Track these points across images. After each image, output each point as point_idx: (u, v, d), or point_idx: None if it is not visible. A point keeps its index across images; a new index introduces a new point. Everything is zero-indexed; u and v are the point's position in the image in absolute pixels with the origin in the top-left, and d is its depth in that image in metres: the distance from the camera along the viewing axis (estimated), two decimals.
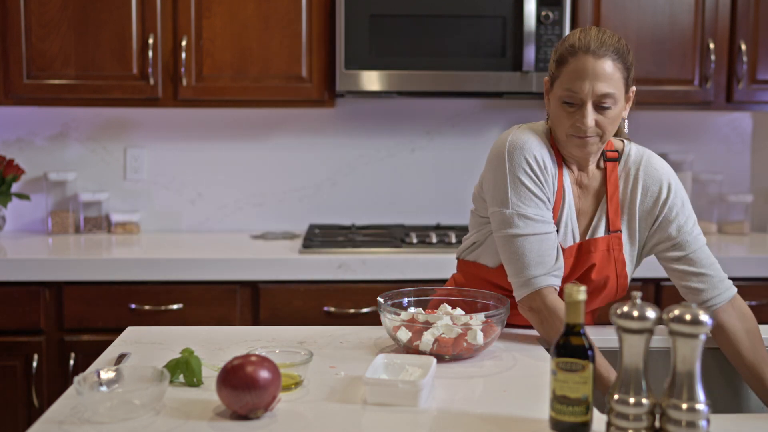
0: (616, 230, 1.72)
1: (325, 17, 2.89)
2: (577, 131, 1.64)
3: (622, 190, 1.74)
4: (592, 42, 1.62)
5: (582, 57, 1.62)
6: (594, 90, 1.61)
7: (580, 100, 1.62)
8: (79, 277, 2.66)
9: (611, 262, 1.72)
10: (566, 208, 1.71)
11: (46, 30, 2.85)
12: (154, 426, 1.22)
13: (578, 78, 1.61)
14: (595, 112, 1.63)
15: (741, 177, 3.40)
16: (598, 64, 1.61)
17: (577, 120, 1.63)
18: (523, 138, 1.69)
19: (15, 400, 2.66)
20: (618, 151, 1.76)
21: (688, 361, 1.11)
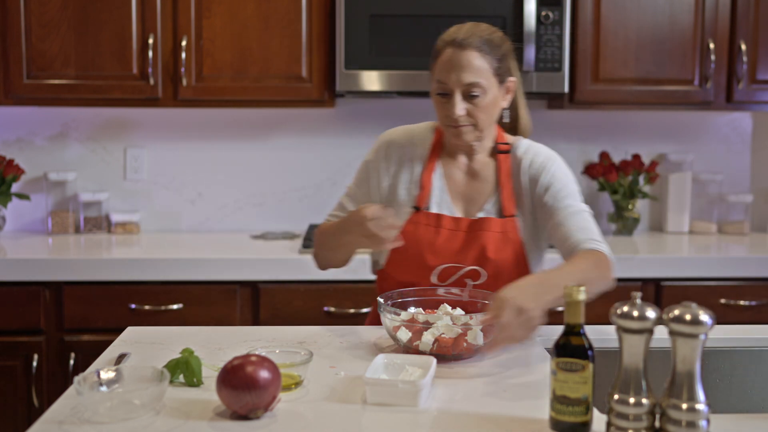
0: (510, 215, 1.79)
1: (325, 17, 2.89)
2: (450, 121, 1.74)
3: (514, 178, 1.82)
4: (461, 35, 1.73)
5: (449, 49, 1.73)
6: (460, 80, 1.71)
7: (449, 90, 1.73)
8: (79, 277, 2.66)
9: (508, 244, 1.78)
10: (435, 191, 1.82)
11: (46, 30, 2.85)
12: (154, 426, 1.22)
13: (445, 69, 1.73)
14: (466, 101, 1.73)
15: (741, 177, 3.40)
16: (463, 55, 1.71)
17: (448, 110, 1.74)
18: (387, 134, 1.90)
19: (15, 400, 2.66)
20: (510, 144, 1.85)
21: (688, 361, 1.11)
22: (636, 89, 2.98)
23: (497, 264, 1.76)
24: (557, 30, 2.86)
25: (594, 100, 2.99)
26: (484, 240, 1.77)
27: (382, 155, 1.87)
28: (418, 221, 1.80)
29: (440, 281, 1.78)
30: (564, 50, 2.87)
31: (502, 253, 1.77)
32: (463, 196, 1.84)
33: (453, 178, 1.85)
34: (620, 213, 3.23)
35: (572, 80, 2.97)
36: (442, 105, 1.76)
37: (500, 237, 1.78)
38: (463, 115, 1.73)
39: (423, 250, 1.78)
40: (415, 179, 1.84)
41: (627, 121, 3.35)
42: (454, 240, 1.78)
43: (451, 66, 1.72)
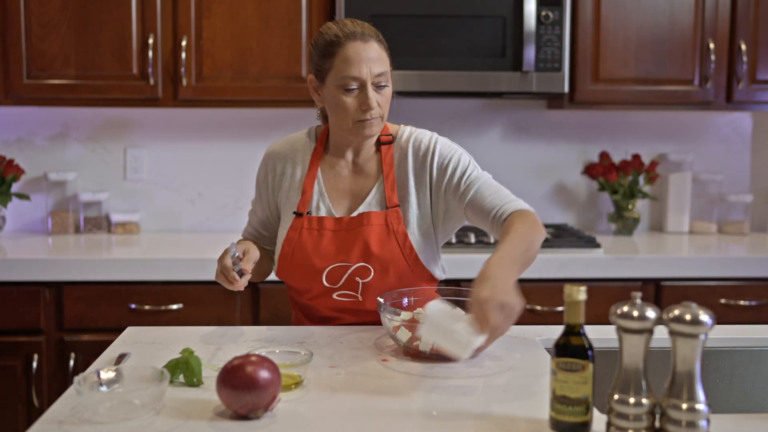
0: (393, 206, 1.78)
1: (325, 17, 2.89)
2: (365, 114, 1.72)
3: (398, 167, 1.81)
4: (356, 30, 1.72)
5: (352, 44, 1.71)
6: (371, 71, 1.70)
7: (361, 83, 1.71)
8: (79, 277, 2.66)
9: (391, 235, 1.76)
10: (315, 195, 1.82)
11: (46, 30, 2.85)
12: (154, 426, 1.22)
13: (354, 63, 1.70)
14: (375, 92, 1.72)
15: (741, 177, 3.40)
16: (368, 47, 1.71)
17: (362, 103, 1.71)
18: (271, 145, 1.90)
19: (15, 400, 2.66)
20: (392, 135, 1.85)
21: (688, 361, 1.11)
22: (636, 89, 2.98)
23: (382, 258, 1.75)
24: (557, 30, 2.86)
25: (594, 100, 2.99)
26: (365, 235, 1.75)
27: (264, 169, 1.89)
28: (302, 226, 1.79)
29: (330, 283, 1.77)
30: (564, 50, 2.87)
31: (385, 245, 1.75)
32: (348, 194, 1.83)
33: (337, 177, 1.84)
34: (620, 213, 3.23)
35: (572, 80, 2.97)
36: (351, 101, 1.72)
37: (382, 230, 1.76)
38: (375, 107, 1.72)
39: (309, 254, 1.77)
40: (295, 186, 1.84)
41: (627, 121, 3.35)
42: (337, 240, 1.77)
43: (360, 59, 1.70)
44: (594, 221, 3.38)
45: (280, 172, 1.86)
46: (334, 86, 1.72)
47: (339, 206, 1.82)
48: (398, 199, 1.79)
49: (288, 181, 1.86)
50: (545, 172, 3.34)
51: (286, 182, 1.86)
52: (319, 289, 1.79)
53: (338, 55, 1.71)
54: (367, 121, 1.73)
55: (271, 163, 1.88)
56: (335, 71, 1.72)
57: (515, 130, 3.31)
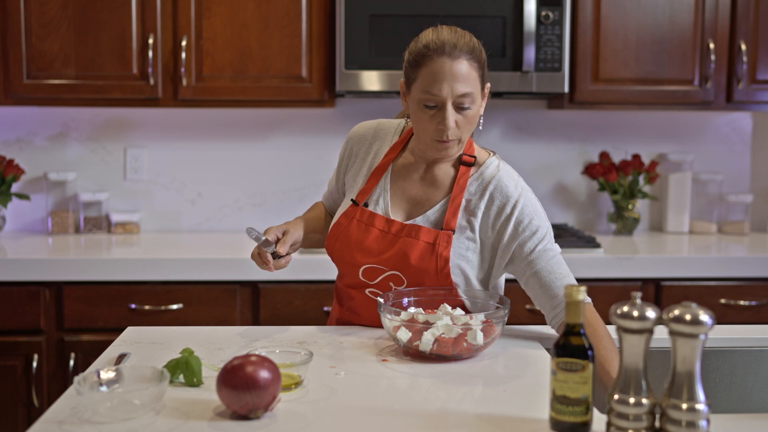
0: (449, 228, 1.71)
1: (325, 17, 2.89)
2: (440, 135, 1.65)
3: (470, 196, 1.73)
4: (447, 43, 1.64)
5: (438, 59, 1.63)
6: (453, 91, 1.62)
7: (440, 102, 1.63)
8: (79, 277, 2.66)
9: (433, 257, 1.70)
10: (378, 189, 1.79)
11: (46, 30, 2.85)
12: (154, 426, 1.22)
13: (436, 80, 1.62)
14: (455, 112, 1.65)
15: (741, 177, 3.40)
16: (455, 65, 1.62)
17: (438, 123, 1.64)
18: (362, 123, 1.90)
19: (15, 400, 2.66)
20: (476, 158, 1.77)
21: (688, 361, 1.11)
22: (636, 89, 2.98)
23: (417, 271, 1.70)
24: (557, 30, 2.86)
25: (594, 100, 2.99)
26: (408, 247, 1.71)
27: (345, 146, 1.89)
28: (353, 216, 1.78)
29: (366, 279, 1.77)
30: (564, 50, 2.87)
31: (424, 262, 1.70)
32: (412, 199, 1.78)
33: (406, 179, 1.78)
34: (620, 213, 3.24)
35: (572, 80, 2.97)
36: (430, 117, 1.65)
37: (427, 247, 1.70)
38: (453, 128, 1.64)
39: (351, 246, 1.76)
40: (364, 171, 1.82)
41: (627, 121, 3.35)
42: (381, 241, 1.74)
43: (443, 76, 1.62)
44: (594, 221, 3.38)
45: (356, 153, 1.86)
46: (416, 99, 1.66)
47: (398, 208, 1.77)
48: (457, 226, 1.72)
49: (359, 164, 1.85)
50: (545, 172, 3.34)
51: (357, 164, 1.85)
52: (355, 281, 1.78)
53: (424, 68, 1.64)
54: (443, 142, 1.67)
55: (351, 143, 1.88)
56: (419, 83, 1.65)
57: (515, 130, 3.31)
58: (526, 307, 2.73)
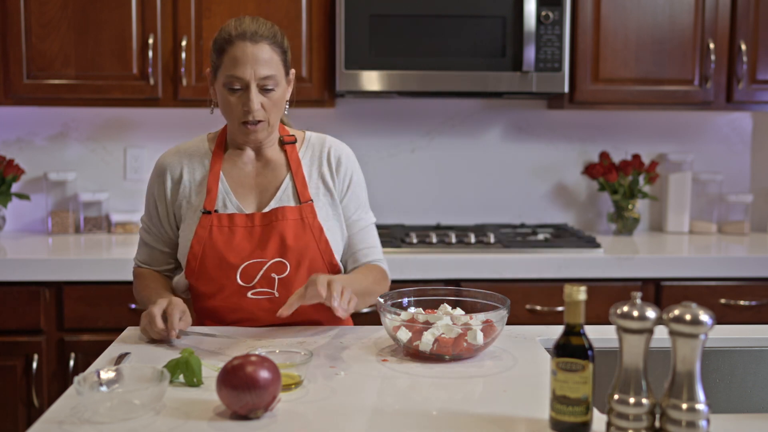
0: (306, 200, 1.81)
1: (325, 17, 2.89)
2: (246, 116, 1.73)
3: (309, 166, 1.85)
4: (249, 28, 1.74)
5: (240, 44, 1.72)
6: (256, 73, 1.71)
7: (244, 84, 1.72)
8: (79, 277, 2.66)
9: (306, 229, 1.78)
10: (221, 193, 1.81)
11: (46, 30, 2.85)
12: (154, 426, 1.22)
13: (239, 63, 1.71)
14: (260, 95, 1.73)
15: (741, 177, 3.40)
16: (256, 49, 1.72)
17: (244, 104, 1.73)
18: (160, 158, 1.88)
19: (15, 400, 2.66)
20: (295, 136, 1.89)
21: (688, 361, 1.11)
22: (636, 89, 2.98)
23: (298, 251, 1.76)
24: (557, 30, 2.86)
25: (594, 100, 2.99)
26: (281, 229, 1.76)
27: (157, 182, 1.85)
28: (211, 224, 1.78)
29: (245, 282, 1.76)
30: (564, 50, 2.87)
31: (302, 239, 1.77)
32: (256, 188, 1.83)
33: (241, 173, 1.83)
34: (620, 213, 3.24)
35: (572, 80, 2.97)
36: (234, 100, 1.73)
37: (298, 224, 1.78)
38: (258, 109, 1.72)
39: (221, 252, 1.76)
40: (195, 187, 1.82)
41: (627, 121, 3.35)
42: (251, 236, 1.77)
43: (245, 59, 1.71)
44: (594, 221, 3.38)
45: (177, 180, 1.84)
46: (222, 85, 1.75)
47: (247, 202, 1.82)
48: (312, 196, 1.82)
49: (187, 185, 1.83)
50: (545, 172, 3.34)
51: (185, 187, 1.83)
52: (232, 288, 1.77)
53: (227, 54, 1.73)
54: (249, 124, 1.74)
55: (163, 174, 1.84)
56: (224, 68, 1.74)
57: (515, 130, 3.31)
58: (526, 307, 2.73)
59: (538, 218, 3.34)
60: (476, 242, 2.87)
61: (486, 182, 3.32)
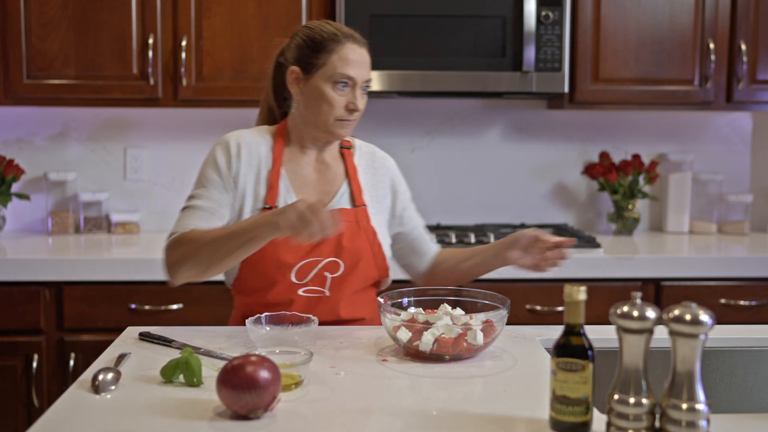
0: (361, 204, 1.85)
1: (325, 17, 2.89)
2: (348, 114, 1.78)
3: (364, 173, 1.90)
4: (351, 32, 1.80)
5: (351, 44, 1.77)
6: (362, 75, 1.78)
7: (353, 83, 1.77)
8: (79, 277, 2.66)
9: (361, 232, 1.81)
10: (282, 190, 1.81)
11: (46, 30, 2.85)
12: (154, 426, 1.22)
13: (351, 63, 1.76)
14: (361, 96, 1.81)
15: (741, 177, 3.40)
16: (364, 52, 1.80)
17: (349, 102, 1.77)
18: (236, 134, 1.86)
19: (15, 400, 2.66)
20: (350, 142, 1.95)
21: (688, 361, 1.11)
22: (636, 89, 2.98)
23: (353, 252, 1.79)
24: (557, 30, 2.86)
25: (594, 100, 2.99)
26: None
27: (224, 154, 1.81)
28: None
29: (298, 279, 1.77)
30: (564, 50, 2.87)
31: (356, 241, 1.80)
32: (314, 190, 1.84)
33: (302, 173, 1.85)
34: (620, 213, 3.24)
35: (572, 80, 2.97)
36: (339, 97, 1.76)
37: (353, 225, 1.81)
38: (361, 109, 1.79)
39: (278, 249, 1.75)
40: (262, 180, 1.81)
41: (627, 121, 3.35)
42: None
43: (355, 60, 1.76)
44: (594, 221, 3.38)
45: (245, 161, 1.81)
46: (324, 81, 1.76)
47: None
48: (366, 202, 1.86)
49: (255, 172, 1.82)
50: (545, 172, 3.34)
51: (253, 173, 1.81)
52: (284, 285, 1.77)
53: (336, 53, 1.76)
54: (346, 121, 1.78)
55: (233, 149, 1.81)
56: (330, 67, 1.76)
57: (515, 130, 3.31)
58: (526, 307, 2.73)
59: (538, 218, 3.34)
60: (476, 242, 2.87)
61: (486, 182, 3.32)
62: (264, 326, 1.61)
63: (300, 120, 1.84)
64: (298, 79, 1.81)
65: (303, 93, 1.80)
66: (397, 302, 1.68)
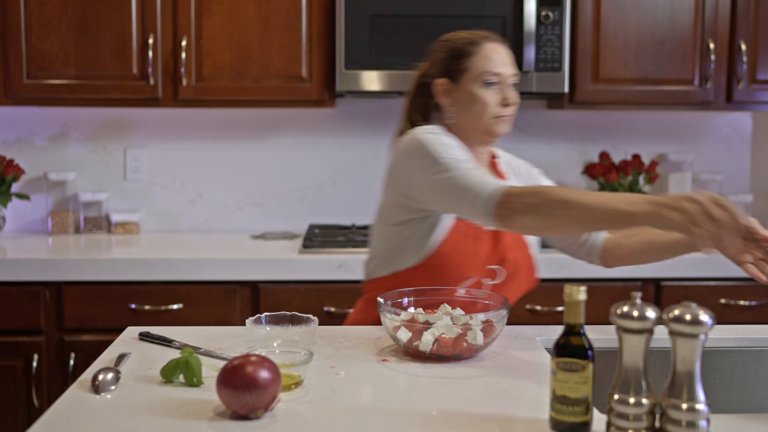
0: None
1: (325, 17, 2.89)
2: (504, 110, 1.77)
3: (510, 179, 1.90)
4: (486, 33, 1.80)
5: (489, 43, 1.78)
6: (509, 70, 1.79)
7: (501, 79, 1.77)
8: (79, 277, 2.66)
9: (519, 243, 1.82)
10: None
11: (46, 30, 2.85)
12: (154, 426, 1.22)
13: (495, 61, 1.77)
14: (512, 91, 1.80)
15: (741, 177, 3.40)
16: (505, 48, 1.80)
17: (503, 98, 1.77)
18: (430, 127, 1.76)
19: (15, 400, 2.66)
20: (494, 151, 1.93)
21: (688, 361, 1.11)
22: (636, 89, 2.98)
23: (512, 263, 1.79)
24: (557, 30, 2.86)
25: (594, 100, 2.99)
26: (504, 241, 1.79)
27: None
28: (458, 231, 1.77)
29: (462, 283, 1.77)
30: (564, 50, 2.87)
31: (516, 252, 1.80)
32: None
33: None
34: None
35: (572, 80, 2.97)
36: (491, 94, 1.76)
37: (514, 237, 1.81)
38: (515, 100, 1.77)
39: (463, 262, 1.75)
40: None
41: (627, 121, 3.35)
42: (485, 247, 1.78)
43: (500, 56, 1.77)
44: None
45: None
46: (473, 83, 1.77)
47: None
48: None
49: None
50: (545, 172, 3.31)
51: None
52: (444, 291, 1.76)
53: (477, 54, 1.77)
54: (503, 117, 1.77)
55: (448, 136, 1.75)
56: (474, 69, 1.77)
57: (515, 130, 3.31)
58: (526, 307, 2.73)
59: None
60: None
61: None
62: (264, 326, 1.61)
63: (456, 129, 1.81)
64: (446, 89, 1.80)
65: (455, 101, 1.79)
66: (397, 302, 1.68)
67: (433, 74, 1.83)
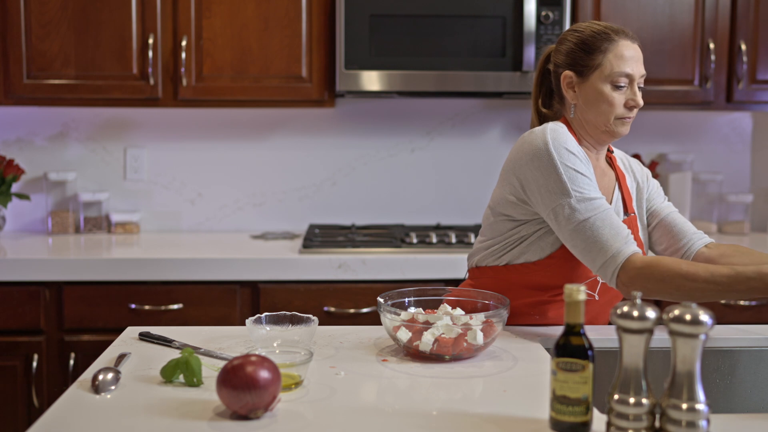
0: (632, 212, 1.83)
1: (325, 17, 2.89)
2: (629, 111, 1.73)
3: (628, 179, 1.87)
4: (623, 28, 1.74)
5: (625, 41, 1.72)
6: (639, 71, 1.74)
7: (631, 79, 1.72)
8: (79, 277, 2.66)
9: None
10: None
11: (46, 30, 2.85)
12: (154, 426, 1.22)
13: (628, 61, 1.71)
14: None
15: (741, 177, 3.40)
16: (637, 48, 1.74)
17: (629, 99, 1.73)
18: (559, 131, 1.72)
19: (15, 400, 2.66)
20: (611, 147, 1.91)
21: (688, 361, 1.11)
22: None
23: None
24: (557, 30, 2.86)
25: None
26: None
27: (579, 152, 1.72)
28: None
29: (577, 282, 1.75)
30: None
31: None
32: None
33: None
34: None
35: None
36: (619, 96, 1.72)
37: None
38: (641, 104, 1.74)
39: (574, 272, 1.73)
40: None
41: None
42: None
43: (631, 57, 1.71)
44: None
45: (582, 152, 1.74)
46: (602, 82, 1.72)
47: None
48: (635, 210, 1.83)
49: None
50: None
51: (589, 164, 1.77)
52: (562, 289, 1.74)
53: (610, 52, 1.71)
54: (627, 118, 1.74)
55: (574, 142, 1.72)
56: (606, 67, 1.71)
57: (515, 130, 3.31)
58: None
59: None
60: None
61: (486, 182, 3.31)
62: (264, 326, 1.61)
63: (578, 124, 1.78)
64: (572, 83, 1.76)
65: (580, 96, 1.75)
66: (397, 302, 1.68)
67: (560, 63, 1.77)
